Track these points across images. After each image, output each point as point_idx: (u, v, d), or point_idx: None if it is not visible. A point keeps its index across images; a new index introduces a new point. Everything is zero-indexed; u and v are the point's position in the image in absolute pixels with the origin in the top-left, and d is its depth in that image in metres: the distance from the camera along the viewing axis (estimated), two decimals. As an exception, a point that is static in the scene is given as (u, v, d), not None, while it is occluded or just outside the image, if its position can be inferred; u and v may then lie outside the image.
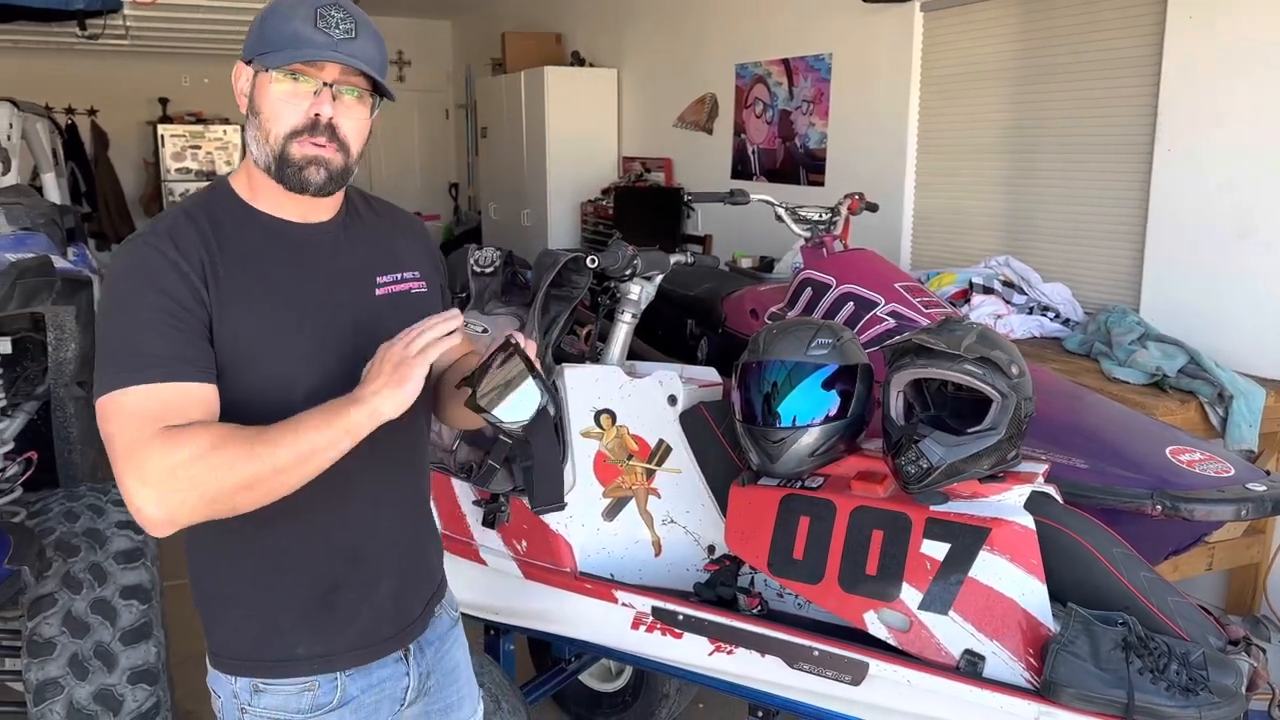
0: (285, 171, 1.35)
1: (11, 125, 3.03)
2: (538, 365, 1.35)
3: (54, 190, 3.96)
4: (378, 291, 1.46)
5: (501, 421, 1.32)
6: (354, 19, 1.35)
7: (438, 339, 1.28)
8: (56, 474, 3.17)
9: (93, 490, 2.56)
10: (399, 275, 1.50)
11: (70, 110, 9.45)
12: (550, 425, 1.44)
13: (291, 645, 1.42)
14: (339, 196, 1.45)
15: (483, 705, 1.75)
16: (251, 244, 1.37)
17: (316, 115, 1.34)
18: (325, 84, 1.34)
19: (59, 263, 2.76)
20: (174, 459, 1.18)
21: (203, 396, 1.27)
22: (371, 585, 1.47)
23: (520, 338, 1.35)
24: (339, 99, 1.35)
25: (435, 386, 1.56)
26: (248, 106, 1.37)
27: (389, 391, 1.24)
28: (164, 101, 9.88)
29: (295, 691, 1.43)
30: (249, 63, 1.37)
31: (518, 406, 1.33)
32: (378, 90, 1.41)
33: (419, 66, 10.96)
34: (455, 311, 1.33)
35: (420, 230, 1.62)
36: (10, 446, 2.88)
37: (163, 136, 9.60)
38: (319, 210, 1.43)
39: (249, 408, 1.31)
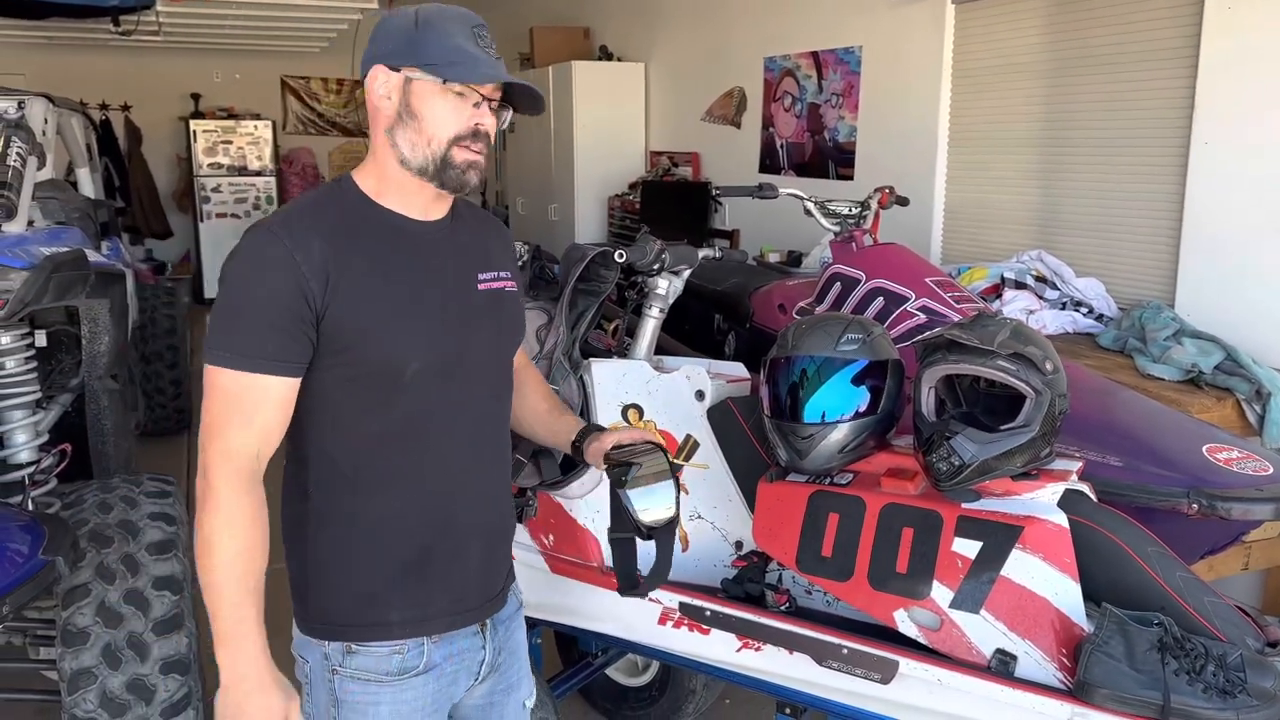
0: (448, 173, 1.47)
1: (47, 121, 3.06)
2: (678, 473, 1.56)
3: (88, 185, 4.01)
4: (479, 287, 1.58)
5: (637, 511, 1.56)
6: (493, 41, 1.50)
7: None
8: (90, 466, 3.21)
9: (126, 482, 2.58)
10: (495, 274, 1.61)
11: (104, 106, 9.57)
12: (673, 529, 1.66)
13: (385, 610, 1.51)
14: (450, 199, 1.56)
15: (535, 693, 1.82)
16: (374, 237, 1.48)
17: (478, 125, 1.47)
18: (485, 99, 1.47)
19: (93, 257, 2.80)
20: (216, 498, 1.40)
21: (281, 391, 1.42)
22: (462, 555, 1.57)
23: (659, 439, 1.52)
24: (492, 112, 1.49)
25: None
26: (397, 110, 1.46)
27: (232, 704, 1.43)
28: (196, 97, 9.99)
29: (385, 654, 1.52)
30: (395, 69, 1.45)
31: (656, 502, 1.58)
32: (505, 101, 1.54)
33: (447, 61, 11.00)
34: None
35: (507, 235, 1.73)
36: (45, 439, 2.93)
37: (195, 132, 9.71)
38: (436, 210, 1.54)
39: (361, 383, 1.46)
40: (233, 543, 1.40)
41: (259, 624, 1.43)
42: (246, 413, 1.40)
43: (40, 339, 2.95)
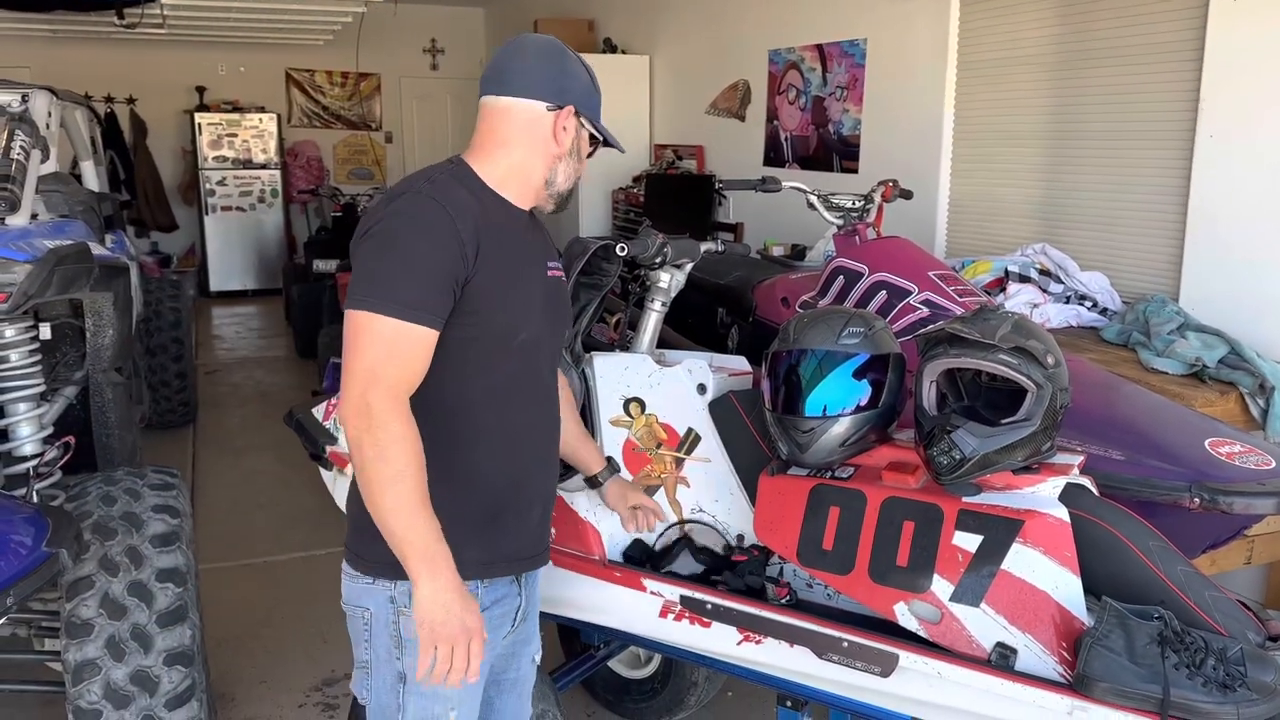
0: (567, 201, 1.79)
1: (50, 114, 3.06)
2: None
3: (92, 178, 4.02)
4: (549, 273, 1.80)
5: None
6: None
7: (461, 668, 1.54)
8: (94, 458, 3.22)
9: (130, 475, 2.59)
10: (556, 264, 1.84)
11: (110, 99, 9.57)
12: None
13: (461, 550, 1.59)
14: None
15: (541, 652, 1.97)
16: (499, 219, 1.68)
17: None
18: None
19: (97, 250, 2.80)
20: (381, 419, 1.51)
21: (428, 341, 1.57)
22: (528, 510, 1.76)
23: None
24: None
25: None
26: (570, 148, 1.73)
27: (441, 608, 1.52)
28: (201, 90, 9.99)
29: None
30: (578, 113, 1.72)
31: None
32: None
33: (452, 54, 11.00)
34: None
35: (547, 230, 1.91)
36: (49, 431, 2.93)
37: (200, 125, 9.71)
38: (527, 203, 1.76)
39: (481, 343, 1.65)
40: (418, 463, 1.53)
41: (441, 534, 1.54)
42: (404, 356, 1.55)
43: (45, 332, 2.95)
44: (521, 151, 1.70)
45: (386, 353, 1.53)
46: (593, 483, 2.09)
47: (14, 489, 2.73)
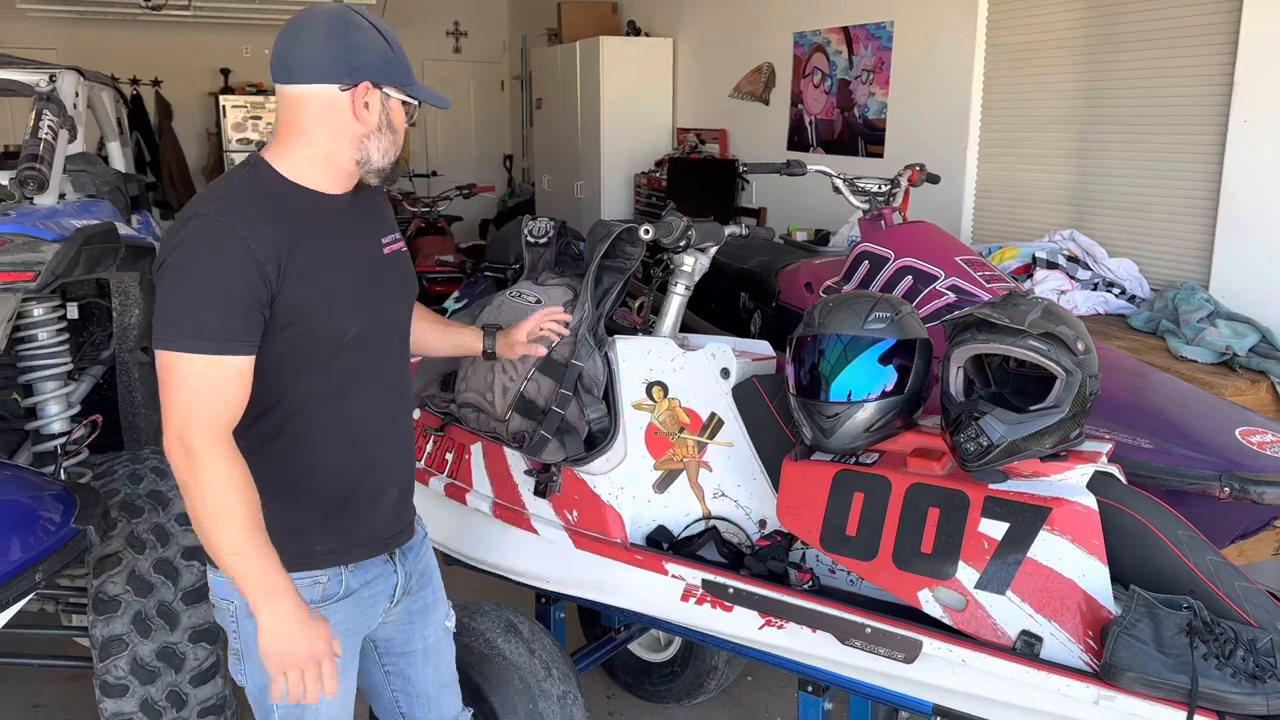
0: (395, 172, 1.69)
1: (77, 94, 3.08)
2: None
3: (118, 159, 4.04)
4: (385, 250, 1.75)
5: None
6: None
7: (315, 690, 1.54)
8: (121, 437, 3.25)
9: (156, 454, 2.61)
10: (393, 236, 1.79)
11: (135, 81, 9.61)
12: None
13: (310, 544, 1.66)
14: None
15: (454, 615, 2.00)
16: (305, 216, 1.60)
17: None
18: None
19: (123, 230, 2.82)
20: (199, 456, 1.47)
21: (243, 367, 1.52)
22: (381, 495, 1.75)
23: None
24: None
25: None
26: (378, 123, 1.62)
27: (283, 635, 1.51)
28: (226, 72, 10.01)
29: (308, 585, 1.65)
30: (378, 85, 1.61)
31: None
32: None
33: (475, 38, 10.96)
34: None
35: (386, 197, 1.87)
36: (77, 410, 2.96)
37: (224, 107, 9.74)
38: (345, 184, 1.67)
39: (308, 350, 1.60)
40: (243, 499, 1.49)
41: (277, 560, 1.52)
42: (219, 391, 1.49)
43: (72, 311, 2.98)
44: (323, 138, 1.60)
45: (199, 391, 1.48)
46: (488, 356, 2.13)
47: (42, 466, 2.76)
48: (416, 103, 1.68)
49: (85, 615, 2.48)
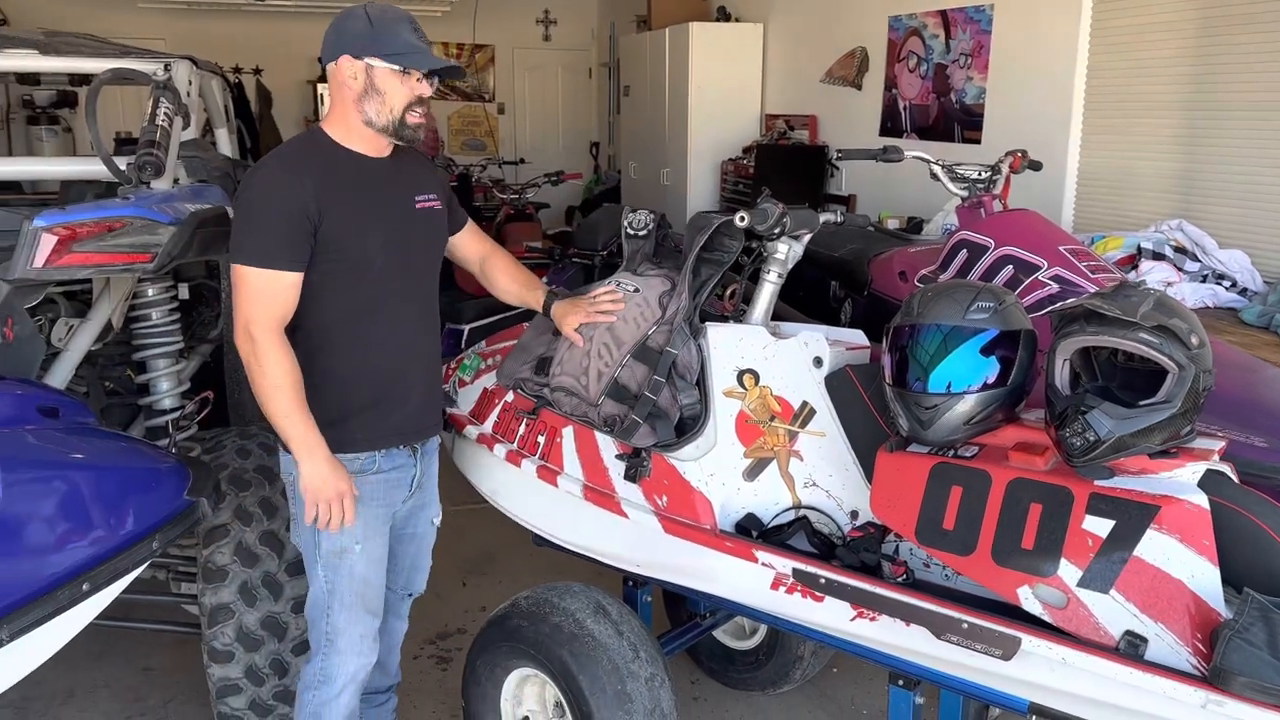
0: (404, 130, 2.12)
1: (191, 82, 3.19)
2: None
3: (225, 145, 4.16)
4: (416, 206, 2.23)
5: None
6: (422, 31, 2.12)
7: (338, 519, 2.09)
8: (226, 414, 3.37)
9: (264, 429, 2.70)
10: (427, 196, 2.26)
11: (237, 69, 9.92)
12: None
13: (350, 431, 2.15)
14: (393, 143, 2.18)
15: (440, 514, 2.50)
16: (346, 170, 2.11)
17: (419, 95, 2.11)
18: (426, 76, 2.10)
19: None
20: (260, 345, 2.00)
21: (290, 280, 2.03)
22: (406, 397, 2.22)
23: None
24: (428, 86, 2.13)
25: (490, 268, 2.51)
26: (363, 88, 2.08)
27: (317, 478, 2.05)
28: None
29: (349, 459, 2.15)
30: (358, 58, 2.06)
31: None
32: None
33: (564, 26, 11.02)
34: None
35: (430, 163, 2.42)
36: (186, 387, 3.08)
37: (322, 95, 9.98)
38: (383, 150, 2.18)
39: (340, 274, 2.09)
40: (292, 378, 2.01)
41: (315, 426, 2.04)
42: (272, 296, 2.01)
43: (183, 292, 3.09)
44: (339, 107, 2.12)
45: (259, 296, 2.00)
46: (548, 311, 2.44)
47: (153, 440, 2.88)
48: (401, 69, 2.05)
49: (193, 583, 2.59)
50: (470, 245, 2.50)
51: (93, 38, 3.49)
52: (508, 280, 2.50)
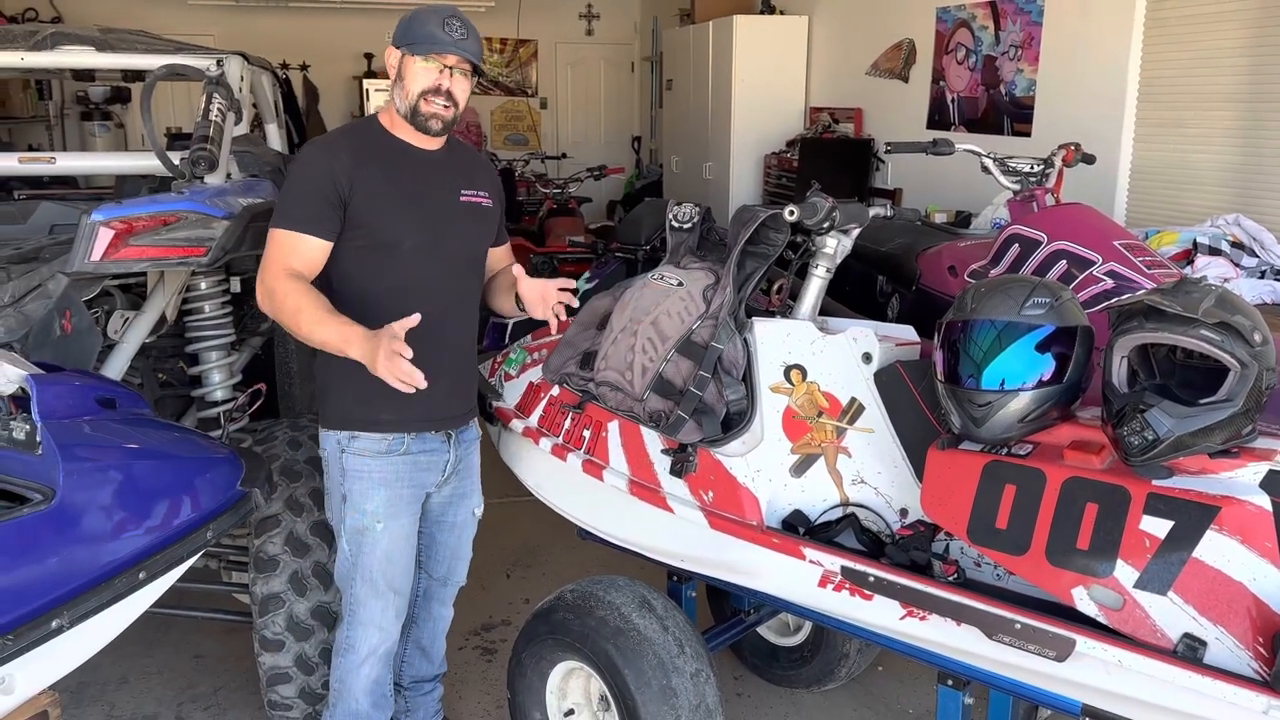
0: (417, 118, 2.22)
1: (243, 78, 3.24)
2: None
3: (275, 140, 4.22)
4: (460, 199, 2.32)
5: None
6: (466, 27, 2.20)
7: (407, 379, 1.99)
8: (276, 405, 3.42)
9: (314, 421, 2.73)
10: (475, 192, 2.35)
11: (284, 65, 10.03)
12: None
13: (378, 412, 2.24)
14: (443, 137, 2.30)
15: (482, 506, 2.56)
16: (386, 155, 2.25)
17: (439, 85, 2.20)
18: (446, 67, 2.19)
19: (283, 208, 2.94)
20: (274, 289, 2.11)
21: (316, 246, 2.16)
22: (434, 382, 2.10)
23: None
24: (454, 76, 2.21)
25: (488, 281, 2.50)
26: (395, 76, 2.23)
27: (367, 353, 1.99)
28: (369, 57, 10.35)
29: (376, 439, 2.27)
30: (398, 48, 2.21)
31: None
32: (476, 70, 2.26)
33: (606, 20, 11.02)
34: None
35: (490, 168, 2.53)
36: (238, 379, 3.13)
37: (368, 90, 10.06)
38: (433, 143, 2.29)
39: (370, 253, 2.20)
40: (310, 294, 2.08)
41: (346, 319, 2.06)
42: (294, 256, 2.14)
43: (235, 285, 3.14)
44: (393, 95, 2.26)
45: (279, 254, 2.13)
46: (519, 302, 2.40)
47: (208, 431, 2.93)
48: (422, 56, 2.17)
49: (245, 573, 2.63)
50: (498, 261, 2.52)
51: (146, 34, 3.55)
52: (490, 292, 2.51)
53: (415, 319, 1.99)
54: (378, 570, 2.31)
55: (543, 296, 2.32)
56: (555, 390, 2.61)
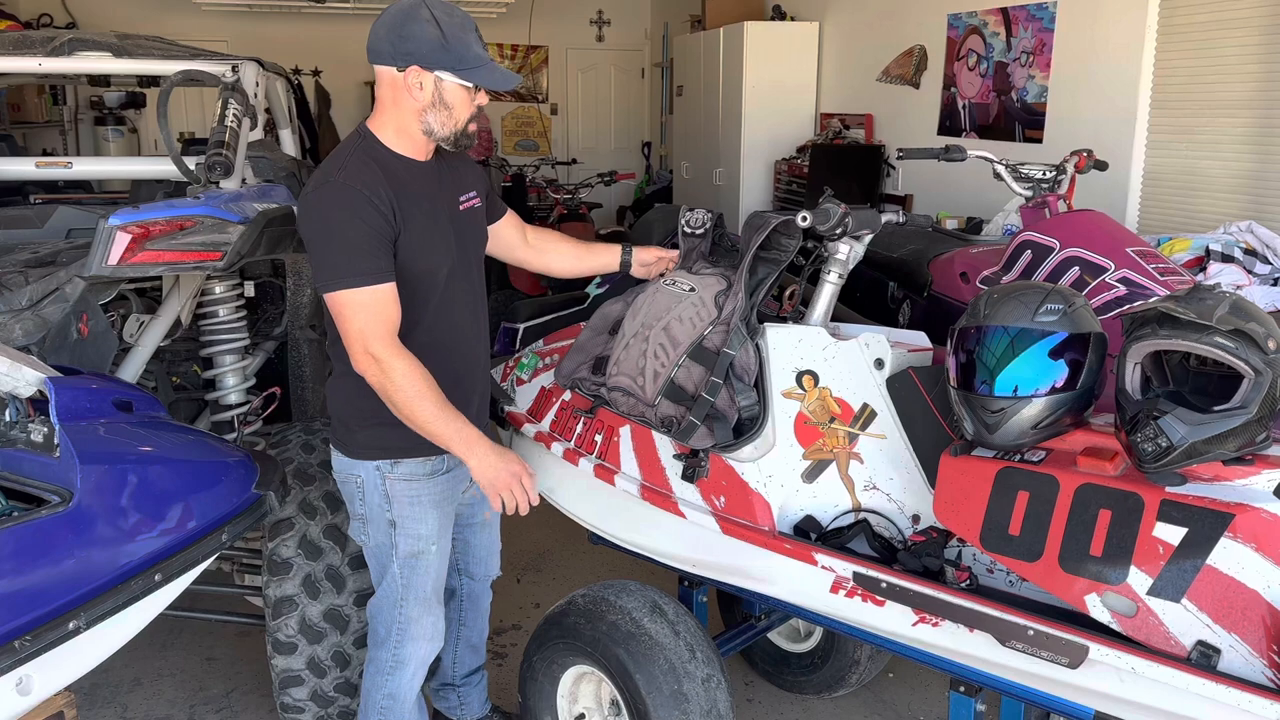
0: (463, 140, 2.13)
1: (258, 84, 3.26)
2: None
3: (289, 146, 4.24)
4: (460, 207, 2.25)
5: None
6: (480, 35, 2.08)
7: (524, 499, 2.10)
8: (288, 409, 3.43)
9: (327, 424, 2.74)
10: (469, 195, 2.28)
11: (297, 71, 10.08)
12: None
13: (419, 438, 2.09)
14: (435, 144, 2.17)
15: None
16: (404, 177, 2.09)
17: (479, 108, 2.13)
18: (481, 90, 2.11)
19: (298, 213, 2.96)
20: (389, 365, 1.99)
21: (391, 292, 2.04)
22: (468, 401, 2.23)
23: None
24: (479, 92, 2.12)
25: (544, 250, 2.55)
26: (431, 100, 2.04)
27: (489, 468, 2.05)
28: (380, 62, 10.36)
29: (420, 463, 2.23)
30: (428, 69, 2.01)
31: None
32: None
33: (617, 26, 11.04)
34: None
35: (473, 163, 2.38)
36: (252, 383, 3.14)
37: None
38: (427, 153, 2.17)
39: (416, 282, 2.10)
40: (427, 381, 2.01)
41: (466, 420, 2.06)
42: (381, 311, 2.01)
43: (249, 289, 3.15)
44: (395, 112, 2.07)
45: (368, 314, 1.99)
46: (624, 269, 2.51)
47: (221, 435, 2.94)
48: (471, 85, 2.05)
49: (258, 575, 2.64)
50: (511, 229, 2.51)
51: (162, 40, 3.57)
52: (575, 257, 2.55)
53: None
54: (431, 588, 2.33)
55: (658, 263, 2.50)
56: (567, 395, 2.62)
